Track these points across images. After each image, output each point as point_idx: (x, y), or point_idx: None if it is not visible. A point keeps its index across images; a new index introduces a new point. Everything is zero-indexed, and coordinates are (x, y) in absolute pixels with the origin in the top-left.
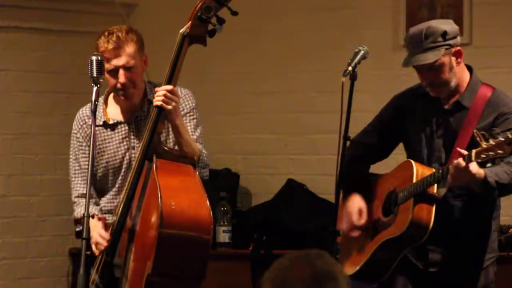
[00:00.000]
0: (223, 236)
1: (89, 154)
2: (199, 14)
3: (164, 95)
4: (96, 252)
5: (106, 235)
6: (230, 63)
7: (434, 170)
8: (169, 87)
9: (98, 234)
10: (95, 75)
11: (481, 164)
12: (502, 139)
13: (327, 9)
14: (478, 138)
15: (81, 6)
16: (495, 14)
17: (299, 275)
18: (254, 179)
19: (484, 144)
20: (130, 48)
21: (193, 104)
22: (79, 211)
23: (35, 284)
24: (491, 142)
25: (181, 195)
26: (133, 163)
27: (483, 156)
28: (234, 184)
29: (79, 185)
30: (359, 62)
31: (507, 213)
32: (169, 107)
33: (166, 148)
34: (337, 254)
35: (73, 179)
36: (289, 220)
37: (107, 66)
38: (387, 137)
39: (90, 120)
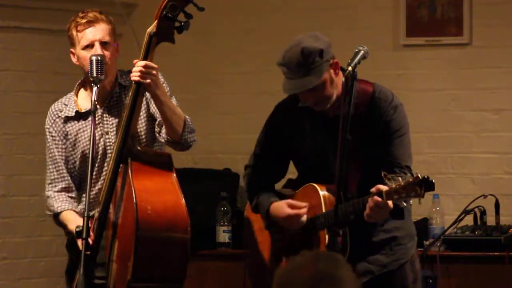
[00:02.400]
0: (223, 236)
1: (64, 149)
2: (164, 12)
3: (141, 71)
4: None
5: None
6: (230, 63)
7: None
8: (143, 62)
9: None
10: (95, 75)
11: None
12: (411, 179)
13: (327, 9)
14: (386, 180)
15: (81, 6)
16: (495, 14)
17: (300, 274)
18: None
19: (393, 185)
20: (104, 25)
21: (162, 79)
22: (58, 206)
23: (35, 284)
24: (400, 181)
25: (157, 198)
26: (108, 149)
27: (395, 197)
28: (234, 184)
29: (57, 180)
30: (359, 62)
31: (507, 213)
32: (147, 81)
33: (140, 148)
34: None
35: (49, 173)
36: None
37: (82, 41)
38: (277, 159)
39: (62, 113)
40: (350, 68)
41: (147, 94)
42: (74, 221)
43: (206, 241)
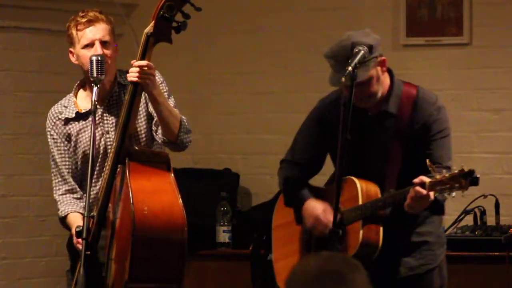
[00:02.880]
0: (223, 236)
1: (66, 151)
2: (161, 13)
3: (138, 71)
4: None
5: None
6: (230, 63)
7: (376, 186)
8: (143, 62)
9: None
10: (95, 75)
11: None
12: (456, 171)
13: (327, 9)
14: (431, 169)
15: (81, 6)
16: (495, 14)
17: (304, 268)
18: (254, 179)
19: (438, 176)
20: (104, 25)
21: (161, 79)
22: (63, 209)
23: (35, 284)
24: (445, 174)
25: (154, 198)
26: (109, 148)
27: (438, 188)
28: (234, 184)
29: (60, 184)
30: (359, 62)
31: (507, 213)
32: (146, 81)
33: (138, 148)
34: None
35: (53, 177)
36: None
37: (82, 40)
38: (316, 152)
39: (62, 115)
40: (350, 68)
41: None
42: (78, 223)
43: (206, 241)
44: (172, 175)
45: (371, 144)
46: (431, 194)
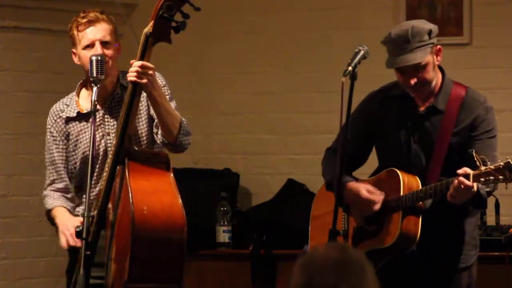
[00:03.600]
0: (223, 236)
1: (64, 149)
2: (160, 13)
3: (136, 71)
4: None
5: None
6: (230, 63)
7: (418, 179)
8: (139, 62)
9: (67, 229)
10: (95, 75)
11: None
12: (502, 163)
13: (327, 9)
14: (476, 160)
15: (81, 6)
16: (495, 14)
17: (326, 254)
18: (254, 179)
19: (483, 168)
20: (105, 25)
21: (164, 82)
22: (51, 203)
23: (35, 284)
24: (490, 165)
25: (154, 198)
26: (109, 150)
27: (482, 180)
28: (234, 184)
29: (57, 181)
30: (359, 62)
31: (507, 213)
32: (144, 81)
33: (137, 148)
34: None
35: (48, 173)
36: (289, 220)
37: (83, 41)
38: (362, 145)
39: (64, 114)
40: (350, 68)
41: None
42: (62, 215)
43: (206, 241)
44: (172, 175)
45: (417, 138)
46: (475, 185)
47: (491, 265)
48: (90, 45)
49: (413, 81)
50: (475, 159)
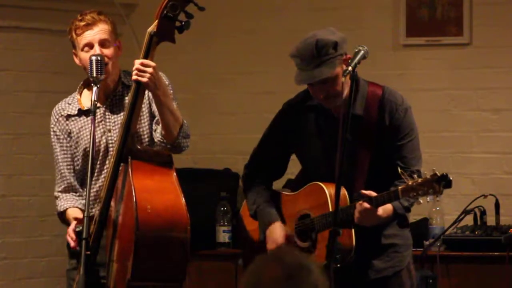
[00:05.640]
0: (223, 236)
1: (68, 147)
2: (165, 12)
3: (138, 69)
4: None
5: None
6: (230, 63)
7: (344, 190)
8: (141, 61)
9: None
10: (95, 75)
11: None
12: (428, 176)
13: (327, 9)
14: (403, 176)
15: (81, 6)
16: (495, 14)
17: (271, 275)
18: None
19: (410, 182)
20: (103, 26)
21: (167, 82)
22: (62, 205)
23: (35, 284)
24: (417, 179)
25: (157, 197)
26: (110, 146)
27: (412, 194)
28: (234, 184)
29: (60, 180)
30: (359, 62)
31: (507, 213)
32: (144, 79)
33: (140, 147)
34: (337, 254)
35: (56, 173)
36: None
37: (82, 43)
38: (280, 157)
39: (65, 112)
40: (350, 68)
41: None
42: (76, 215)
43: (206, 241)
44: (175, 174)
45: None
46: (379, 209)
47: (491, 265)
48: (89, 47)
49: (322, 95)
50: (402, 176)
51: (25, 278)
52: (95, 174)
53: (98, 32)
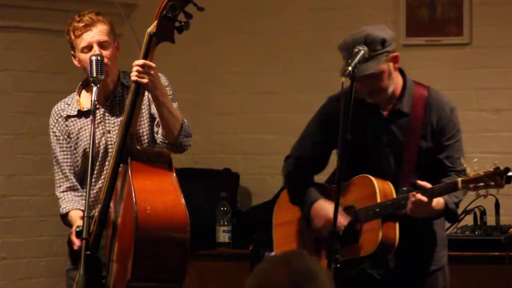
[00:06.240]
0: (223, 236)
1: (68, 148)
2: (164, 12)
3: (137, 70)
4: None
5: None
6: (230, 63)
7: (391, 185)
8: (141, 61)
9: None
10: (95, 75)
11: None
12: (491, 169)
13: (327, 9)
14: (466, 166)
15: (81, 6)
16: (495, 14)
17: (277, 278)
18: (254, 179)
19: (472, 174)
20: (102, 26)
21: (166, 83)
22: (64, 207)
23: (35, 284)
24: (479, 171)
25: (157, 197)
26: (109, 148)
27: (471, 186)
28: (234, 184)
29: (62, 181)
30: (359, 62)
31: (507, 213)
32: (144, 80)
33: (140, 148)
34: (337, 254)
35: (55, 174)
36: None
37: (81, 45)
38: (324, 150)
39: (64, 113)
40: (350, 68)
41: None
42: (79, 220)
43: (206, 241)
44: (174, 174)
45: (385, 143)
46: (434, 201)
47: (491, 265)
48: (88, 48)
49: (367, 89)
50: (465, 166)
51: (25, 278)
52: (95, 176)
53: (96, 33)
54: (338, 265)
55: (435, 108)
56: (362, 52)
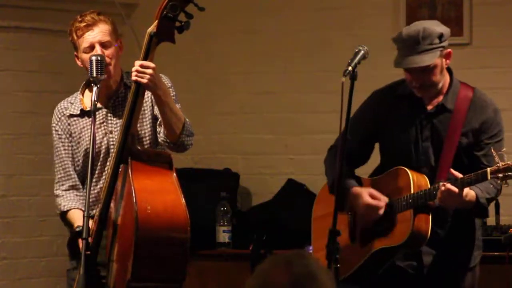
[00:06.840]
0: (223, 236)
1: (70, 147)
2: (164, 12)
3: (137, 70)
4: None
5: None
6: (230, 63)
7: (426, 178)
8: (140, 62)
9: None
10: (95, 75)
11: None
12: None
13: (327, 9)
14: (494, 154)
15: (81, 6)
16: (495, 14)
17: (277, 279)
18: (254, 179)
19: (501, 163)
20: (103, 26)
21: (169, 84)
22: (65, 204)
23: (35, 284)
24: (508, 161)
25: (157, 197)
26: (111, 148)
27: (500, 175)
28: (234, 184)
29: (64, 179)
30: (359, 62)
31: (507, 213)
32: (144, 80)
33: (140, 148)
34: (337, 254)
35: (56, 173)
36: (289, 220)
37: (83, 45)
38: (367, 143)
39: (67, 111)
40: (350, 68)
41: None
42: (80, 220)
43: (206, 241)
44: (175, 174)
45: (426, 137)
46: (464, 191)
47: (491, 265)
48: (90, 48)
49: (419, 83)
50: (494, 155)
51: (25, 278)
52: (96, 176)
53: (98, 33)
54: (338, 265)
55: (479, 108)
56: (362, 52)
